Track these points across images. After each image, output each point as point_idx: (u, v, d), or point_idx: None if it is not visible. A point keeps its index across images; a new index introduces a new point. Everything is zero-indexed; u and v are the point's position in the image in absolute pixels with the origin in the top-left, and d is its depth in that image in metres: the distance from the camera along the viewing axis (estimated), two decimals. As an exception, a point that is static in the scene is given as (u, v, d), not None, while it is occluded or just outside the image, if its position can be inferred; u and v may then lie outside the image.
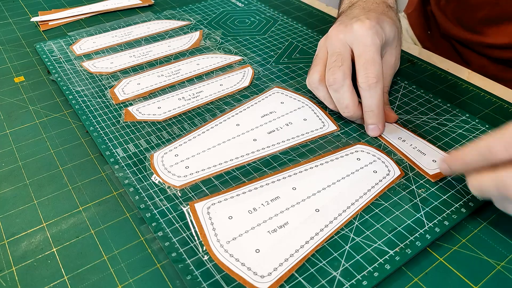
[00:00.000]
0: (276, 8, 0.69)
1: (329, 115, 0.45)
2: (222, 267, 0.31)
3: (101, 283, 0.31)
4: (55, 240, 0.34)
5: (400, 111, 0.46)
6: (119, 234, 0.34)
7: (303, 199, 0.36)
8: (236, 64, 0.54)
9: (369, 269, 0.31)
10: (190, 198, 0.36)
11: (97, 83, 0.50)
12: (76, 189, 0.38)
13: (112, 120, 0.45)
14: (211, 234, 0.33)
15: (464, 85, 0.50)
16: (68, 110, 0.47)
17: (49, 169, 0.40)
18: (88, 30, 0.62)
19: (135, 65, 0.54)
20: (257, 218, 0.34)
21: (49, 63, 0.54)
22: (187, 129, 0.44)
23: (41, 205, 0.36)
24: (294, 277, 0.30)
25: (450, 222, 0.34)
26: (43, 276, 0.31)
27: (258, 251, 0.32)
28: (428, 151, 0.40)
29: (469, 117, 0.44)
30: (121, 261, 0.32)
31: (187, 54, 0.56)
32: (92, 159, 0.41)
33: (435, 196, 0.36)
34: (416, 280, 0.31)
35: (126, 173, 0.38)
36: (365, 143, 0.41)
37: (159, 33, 0.61)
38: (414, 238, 0.33)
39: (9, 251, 0.33)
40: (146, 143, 0.42)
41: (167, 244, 0.32)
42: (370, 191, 0.36)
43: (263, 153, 0.40)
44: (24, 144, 0.43)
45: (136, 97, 0.48)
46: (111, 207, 0.36)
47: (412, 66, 0.54)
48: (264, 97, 0.48)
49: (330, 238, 0.33)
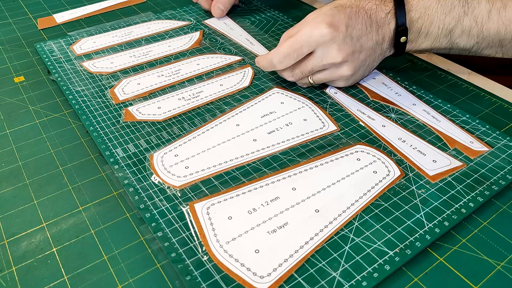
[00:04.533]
0: (276, 8, 0.69)
1: (329, 115, 0.45)
2: (221, 267, 0.31)
3: (101, 283, 0.31)
4: (55, 240, 0.34)
5: (400, 111, 0.46)
6: (119, 234, 0.34)
7: (302, 199, 0.36)
8: (236, 64, 0.54)
9: (369, 270, 0.31)
10: (190, 198, 0.36)
11: (97, 83, 0.50)
12: (76, 189, 0.38)
13: (112, 120, 0.45)
14: (211, 234, 0.33)
15: (464, 85, 0.50)
16: (68, 110, 0.47)
17: (49, 169, 0.40)
18: (88, 30, 0.62)
19: (135, 65, 0.54)
20: (256, 219, 0.34)
21: (49, 63, 0.54)
22: (187, 129, 0.44)
23: (41, 205, 0.36)
24: (293, 278, 0.30)
25: (450, 222, 0.34)
26: (43, 276, 0.31)
27: (257, 251, 0.32)
28: (428, 152, 0.40)
29: (469, 118, 0.44)
30: (121, 261, 0.32)
31: (187, 54, 0.56)
32: (92, 159, 0.41)
33: (435, 196, 0.36)
34: (416, 280, 0.31)
35: (126, 173, 0.38)
36: (365, 144, 0.41)
37: (159, 33, 0.61)
38: (414, 239, 0.33)
39: (9, 251, 0.33)
40: (146, 143, 0.42)
41: (166, 244, 0.32)
42: (370, 191, 0.36)
43: (263, 154, 0.40)
44: (24, 144, 0.43)
45: (136, 97, 0.48)
46: (111, 207, 0.36)
47: (412, 66, 0.54)
48: (264, 97, 0.48)
49: (330, 238, 0.33)
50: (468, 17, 0.45)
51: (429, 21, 0.45)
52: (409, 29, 0.46)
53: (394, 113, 0.45)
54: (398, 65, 0.53)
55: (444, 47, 0.47)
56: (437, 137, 0.42)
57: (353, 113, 0.45)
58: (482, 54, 0.47)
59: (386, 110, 0.46)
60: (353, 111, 0.46)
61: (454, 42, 0.46)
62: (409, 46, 0.47)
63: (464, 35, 0.45)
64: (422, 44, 0.47)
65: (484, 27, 0.44)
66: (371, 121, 0.44)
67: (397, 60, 0.54)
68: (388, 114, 0.45)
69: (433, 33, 0.46)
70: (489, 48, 0.46)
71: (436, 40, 0.46)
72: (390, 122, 0.44)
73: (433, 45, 0.47)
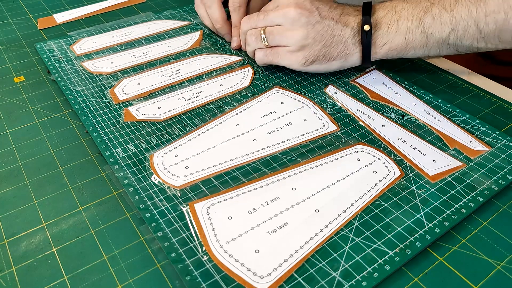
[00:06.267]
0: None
1: (329, 115, 0.45)
2: (221, 267, 0.31)
3: (101, 283, 0.31)
4: (55, 240, 0.34)
5: (400, 111, 0.46)
6: (119, 234, 0.34)
7: (302, 199, 0.36)
8: (236, 64, 0.54)
9: (369, 270, 0.31)
10: (190, 198, 0.36)
11: (97, 83, 0.50)
12: (76, 189, 0.38)
13: (112, 120, 0.45)
14: (211, 234, 0.33)
15: (464, 85, 0.50)
16: (68, 110, 0.47)
17: (49, 169, 0.40)
18: (88, 30, 0.62)
19: (135, 65, 0.54)
20: (256, 219, 0.34)
21: (49, 63, 0.54)
22: (187, 129, 0.44)
23: (41, 205, 0.36)
24: (293, 278, 0.30)
25: (450, 222, 0.34)
26: (43, 276, 0.31)
27: (257, 251, 0.32)
28: (428, 152, 0.40)
29: (469, 118, 0.44)
30: (121, 261, 0.32)
31: (187, 54, 0.56)
32: (92, 159, 0.41)
33: (435, 196, 0.36)
34: (416, 280, 0.31)
35: (126, 173, 0.38)
36: (365, 144, 0.41)
37: (159, 33, 0.61)
38: (414, 239, 0.33)
39: (9, 251, 0.33)
40: (146, 143, 0.42)
41: (166, 244, 0.32)
42: (370, 191, 0.36)
43: (263, 154, 0.40)
44: (24, 144, 0.43)
45: (136, 97, 0.48)
46: (111, 207, 0.36)
47: (412, 66, 0.54)
48: (264, 97, 0.48)
49: (330, 238, 0.33)
50: (435, 6, 0.45)
51: (397, 15, 0.46)
52: (377, 24, 0.46)
53: (394, 113, 0.45)
54: (398, 65, 0.53)
55: (420, 40, 0.45)
56: (437, 137, 0.42)
57: (353, 113, 0.45)
58: (464, 48, 0.46)
59: (386, 110, 0.46)
60: (353, 111, 0.46)
61: (428, 33, 0.45)
62: (382, 42, 0.46)
63: (436, 23, 0.44)
64: (394, 39, 0.46)
65: (454, 11, 0.44)
66: (371, 121, 0.44)
67: (397, 60, 0.54)
68: (388, 114, 0.45)
69: (404, 26, 0.45)
70: (468, 37, 0.44)
71: (409, 33, 0.45)
72: (390, 122, 0.44)
73: (407, 39, 0.46)
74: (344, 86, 0.50)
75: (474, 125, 0.43)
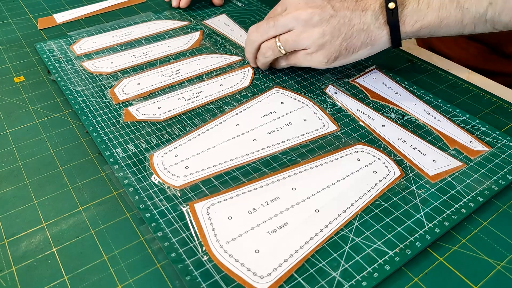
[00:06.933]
0: (276, 8, 0.68)
1: (329, 115, 0.45)
2: (221, 267, 0.31)
3: (101, 283, 0.31)
4: (55, 240, 0.34)
5: (400, 111, 0.46)
6: (119, 234, 0.34)
7: (302, 199, 0.36)
8: (236, 64, 0.54)
9: (369, 270, 0.31)
10: (190, 198, 0.36)
11: (97, 83, 0.50)
12: (76, 189, 0.38)
13: (112, 120, 0.45)
14: (211, 234, 0.33)
15: (464, 85, 0.50)
16: (68, 110, 0.47)
17: (49, 169, 0.40)
18: (88, 30, 0.62)
19: (135, 65, 0.54)
20: (256, 219, 0.34)
21: (49, 63, 0.54)
22: (187, 129, 0.44)
23: (41, 205, 0.36)
24: (293, 278, 0.30)
25: (450, 222, 0.34)
26: (43, 276, 0.31)
27: (257, 251, 0.32)
28: (428, 152, 0.40)
29: (469, 118, 0.44)
30: (121, 261, 0.32)
31: (187, 54, 0.56)
32: (92, 159, 0.41)
33: (435, 196, 0.36)
34: (416, 280, 0.31)
35: (126, 173, 0.38)
36: (365, 144, 0.41)
37: (159, 33, 0.61)
38: (414, 239, 0.33)
39: (9, 251, 0.33)
40: (146, 143, 0.42)
41: (166, 244, 0.32)
42: (370, 191, 0.36)
43: (263, 154, 0.40)
44: (24, 144, 0.43)
45: (136, 97, 0.48)
46: (111, 207, 0.36)
47: (412, 66, 0.54)
48: (264, 97, 0.48)
49: (330, 238, 0.33)
50: None
51: None
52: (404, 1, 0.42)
53: (394, 113, 0.45)
54: (398, 65, 0.53)
55: (454, 16, 0.41)
56: (437, 137, 0.42)
57: (353, 113, 0.45)
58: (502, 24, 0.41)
59: (386, 110, 0.46)
60: (353, 111, 0.46)
61: (464, 8, 0.41)
62: (413, 20, 0.43)
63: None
64: (426, 16, 0.42)
65: None
66: (371, 121, 0.44)
67: (397, 60, 0.54)
68: (388, 114, 0.45)
69: (436, 1, 0.41)
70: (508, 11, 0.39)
71: (442, 8, 0.41)
72: (390, 122, 0.44)
73: (440, 15, 0.41)
74: (344, 86, 0.50)
75: (474, 125, 0.43)
